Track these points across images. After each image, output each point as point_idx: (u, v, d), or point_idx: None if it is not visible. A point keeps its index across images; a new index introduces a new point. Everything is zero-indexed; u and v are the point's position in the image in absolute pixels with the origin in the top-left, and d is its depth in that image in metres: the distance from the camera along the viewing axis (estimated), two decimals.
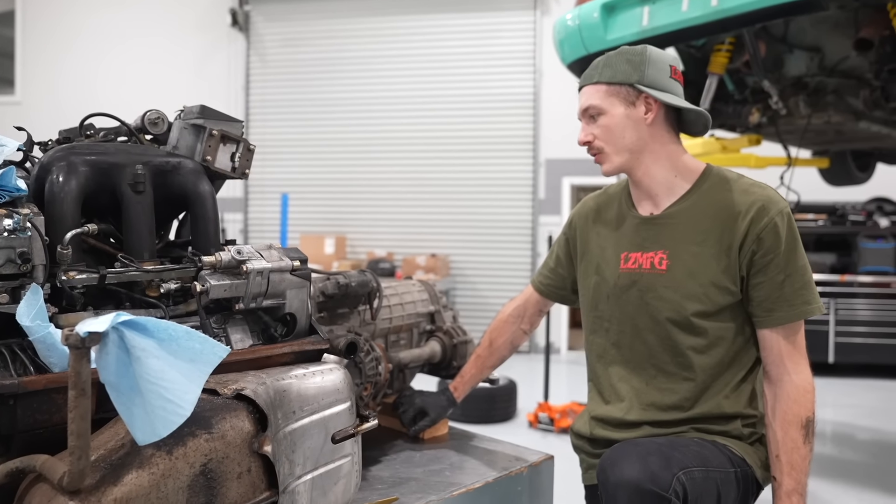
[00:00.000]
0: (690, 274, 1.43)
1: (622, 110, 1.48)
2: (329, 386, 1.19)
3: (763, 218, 1.40)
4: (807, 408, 1.39)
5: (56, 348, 1.01)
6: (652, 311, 1.46)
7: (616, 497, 1.25)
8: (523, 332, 1.81)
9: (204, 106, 1.37)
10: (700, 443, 1.39)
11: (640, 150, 1.49)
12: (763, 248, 1.40)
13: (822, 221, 6.05)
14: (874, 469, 3.62)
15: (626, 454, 1.30)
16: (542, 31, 7.19)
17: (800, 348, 1.41)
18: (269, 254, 1.28)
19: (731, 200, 1.43)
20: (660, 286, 1.46)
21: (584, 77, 1.55)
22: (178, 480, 0.94)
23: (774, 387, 1.41)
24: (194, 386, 0.94)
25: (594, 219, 1.63)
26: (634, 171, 1.52)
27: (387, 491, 1.41)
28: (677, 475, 1.25)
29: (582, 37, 3.01)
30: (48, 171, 1.19)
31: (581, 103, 1.54)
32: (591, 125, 1.52)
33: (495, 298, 7.00)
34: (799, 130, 3.57)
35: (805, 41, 3.16)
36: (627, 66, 1.48)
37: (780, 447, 1.38)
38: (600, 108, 1.49)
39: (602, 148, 1.51)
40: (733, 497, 1.37)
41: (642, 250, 1.50)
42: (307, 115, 7.78)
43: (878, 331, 5.76)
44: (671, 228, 1.48)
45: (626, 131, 1.48)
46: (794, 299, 1.40)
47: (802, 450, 1.37)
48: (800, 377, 1.40)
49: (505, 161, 7.32)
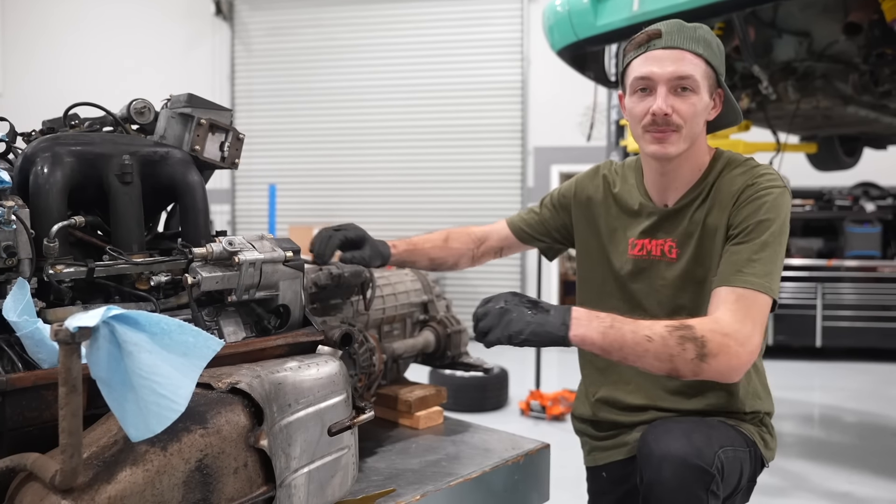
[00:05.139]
0: (698, 262, 1.41)
1: (706, 98, 1.37)
2: (324, 378, 1.17)
3: (750, 190, 1.35)
4: (713, 342, 1.19)
5: (45, 344, 0.99)
6: (660, 297, 1.45)
7: (661, 470, 1.22)
8: (471, 258, 1.74)
9: (192, 94, 1.34)
10: (725, 423, 1.39)
11: (694, 142, 1.39)
12: (740, 216, 1.34)
13: (808, 206, 6.09)
14: (862, 451, 3.66)
15: (669, 429, 1.27)
16: (529, 19, 7.15)
17: (748, 313, 1.25)
18: (262, 244, 1.26)
19: (733, 183, 1.38)
20: (669, 273, 1.44)
21: (679, 37, 1.34)
22: (174, 477, 0.93)
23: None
24: (188, 380, 0.92)
25: (602, 199, 1.57)
26: (674, 161, 1.40)
27: (383, 482, 1.39)
28: (717, 452, 1.25)
29: (572, 23, 2.99)
30: (32, 163, 1.16)
31: (674, 67, 1.32)
32: (675, 97, 1.34)
33: (485, 287, 7.00)
34: (788, 116, 3.58)
35: (794, 26, 3.16)
36: (719, 53, 1.37)
37: (651, 320, 1.25)
38: (697, 85, 1.33)
39: (680, 127, 1.35)
40: (748, 475, 1.38)
41: (651, 237, 1.47)
42: (293, 104, 7.71)
43: (865, 314, 5.81)
44: (681, 217, 1.44)
45: (701, 120, 1.37)
46: (745, 267, 1.28)
47: (650, 342, 1.20)
48: (732, 326, 1.22)
49: (493, 149, 7.30)
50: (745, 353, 1.23)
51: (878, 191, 6.07)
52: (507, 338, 1.23)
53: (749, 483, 1.40)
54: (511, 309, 1.24)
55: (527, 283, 6.95)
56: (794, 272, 5.89)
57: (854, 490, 3.05)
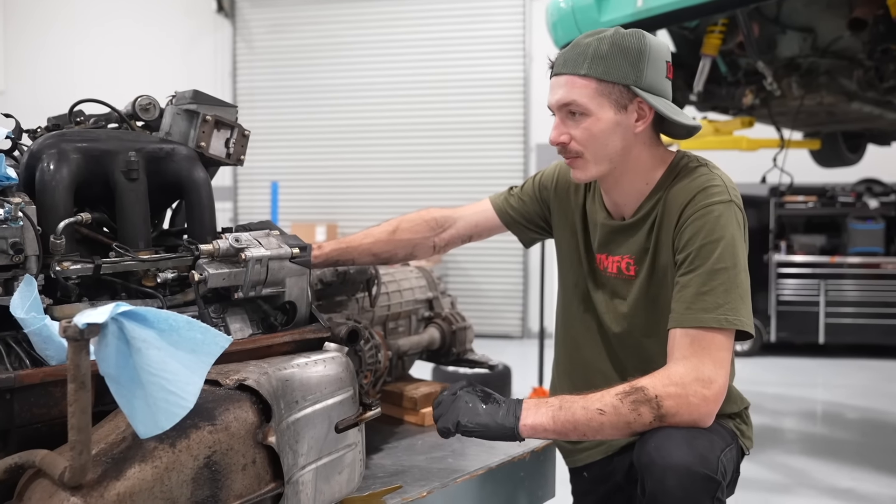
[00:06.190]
0: (654, 279, 1.36)
1: (611, 115, 1.28)
2: (332, 374, 1.17)
3: (689, 209, 1.27)
4: (668, 400, 1.16)
5: (52, 341, 0.99)
6: (616, 314, 1.42)
7: (664, 481, 1.15)
8: (431, 247, 1.62)
9: (197, 91, 1.33)
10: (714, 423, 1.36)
11: (622, 160, 1.33)
12: (682, 241, 1.27)
13: (811, 203, 6.08)
14: (865, 448, 3.65)
15: (670, 436, 1.18)
16: (531, 15, 7.13)
17: (705, 355, 1.20)
18: (268, 241, 1.26)
19: (677, 197, 1.31)
20: (624, 291, 1.41)
21: (567, 62, 1.30)
22: (182, 473, 0.92)
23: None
24: (196, 377, 0.92)
25: (576, 198, 1.52)
26: (606, 180, 1.37)
27: (389, 479, 1.39)
28: (720, 457, 1.20)
29: (575, 19, 2.98)
30: (39, 159, 1.16)
31: (559, 95, 1.30)
32: (569, 123, 1.31)
33: (487, 285, 6.99)
34: (791, 112, 3.57)
35: (798, 21, 3.14)
36: (625, 63, 1.27)
37: (601, 390, 1.21)
38: (586, 108, 1.28)
39: (581, 153, 1.32)
40: (735, 467, 1.34)
41: (608, 252, 1.44)
42: (295, 102, 7.69)
43: (868, 311, 5.79)
44: (636, 231, 1.38)
45: (611, 139, 1.30)
46: (694, 303, 1.22)
47: (603, 415, 1.17)
48: (688, 375, 1.18)
49: (496, 147, 7.28)
50: (712, 396, 1.19)
51: (882, 187, 6.05)
52: (454, 425, 1.24)
53: (735, 474, 1.36)
54: (464, 398, 1.26)
55: (529, 282, 6.95)
56: (796, 269, 5.87)
57: (857, 486, 3.05)
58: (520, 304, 7.01)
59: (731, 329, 1.22)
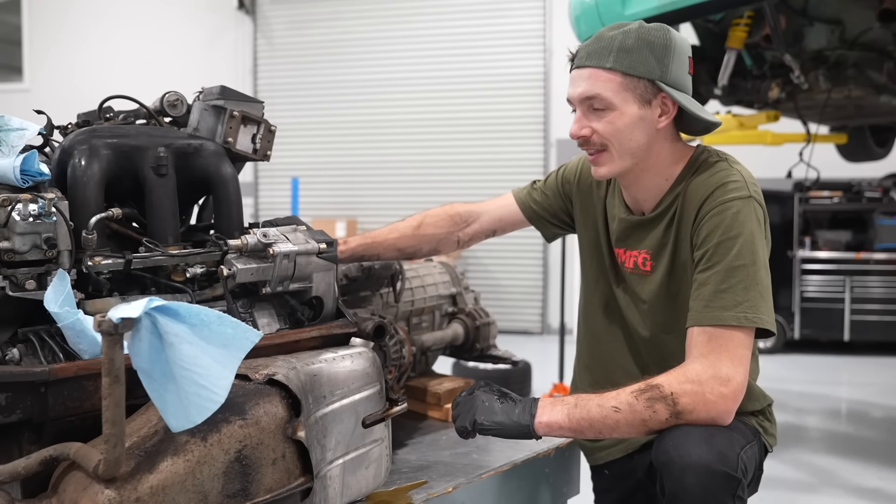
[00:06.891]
0: (672, 275, 1.35)
1: (635, 110, 1.28)
2: (359, 370, 1.18)
3: (708, 205, 1.26)
4: (685, 397, 1.15)
5: (85, 335, 1.00)
6: (640, 311, 1.41)
7: (684, 480, 1.13)
8: (455, 242, 1.62)
9: (224, 87, 1.34)
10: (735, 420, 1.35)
11: (644, 156, 1.32)
12: (700, 238, 1.26)
13: (837, 198, 5.98)
14: (892, 447, 3.59)
15: (689, 434, 1.16)
16: (552, 9, 7.08)
17: (723, 353, 1.19)
18: (295, 236, 1.26)
19: (696, 192, 1.30)
20: (644, 288, 1.40)
21: (590, 54, 1.29)
22: (214, 467, 0.93)
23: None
24: (227, 371, 0.92)
25: (598, 193, 1.51)
26: (626, 176, 1.36)
27: (414, 474, 1.39)
28: (739, 454, 1.18)
29: (599, 12, 2.95)
30: (70, 155, 1.17)
31: (582, 89, 1.29)
32: (592, 117, 1.30)
33: (507, 281, 6.98)
34: (818, 106, 3.52)
35: (826, 13, 3.09)
36: (650, 57, 1.26)
37: (617, 388, 1.20)
38: (610, 102, 1.27)
39: (606, 146, 1.31)
40: (757, 465, 1.33)
41: (626, 247, 1.43)
42: (316, 98, 7.72)
43: (894, 308, 5.70)
44: (655, 226, 1.37)
45: (634, 133, 1.29)
46: (713, 300, 1.21)
47: (618, 413, 1.17)
48: (705, 373, 1.17)
49: (515, 142, 7.25)
50: (730, 393, 1.18)
51: None
52: (472, 424, 1.25)
53: (757, 472, 1.34)
54: (481, 397, 1.27)
55: (549, 278, 6.92)
56: (821, 265, 5.79)
57: (884, 486, 3.00)
58: (539, 300, 6.99)
59: (750, 327, 1.20)
